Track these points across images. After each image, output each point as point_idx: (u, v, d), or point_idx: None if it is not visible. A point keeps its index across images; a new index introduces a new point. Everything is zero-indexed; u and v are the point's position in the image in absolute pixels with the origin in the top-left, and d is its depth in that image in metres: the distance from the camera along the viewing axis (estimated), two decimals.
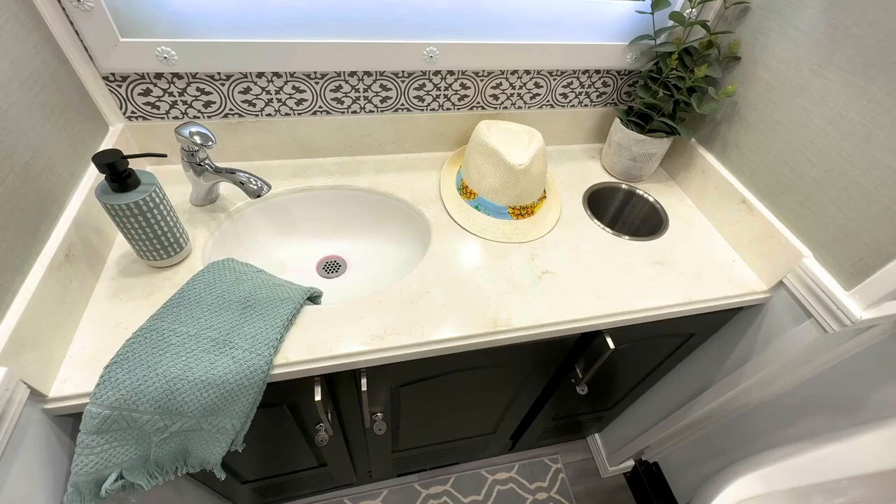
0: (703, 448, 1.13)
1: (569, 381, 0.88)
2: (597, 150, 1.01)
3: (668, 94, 0.83)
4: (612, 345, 0.72)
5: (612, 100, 0.95)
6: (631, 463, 1.37)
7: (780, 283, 0.74)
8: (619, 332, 0.73)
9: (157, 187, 0.58)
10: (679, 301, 0.72)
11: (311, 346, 0.60)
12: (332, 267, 0.87)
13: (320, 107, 0.81)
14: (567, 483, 1.37)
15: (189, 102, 0.75)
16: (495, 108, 0.90)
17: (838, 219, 0.66)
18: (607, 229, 0.83)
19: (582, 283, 0.73)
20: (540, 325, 0.66)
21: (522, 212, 0.80)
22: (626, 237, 0.82)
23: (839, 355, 0.80)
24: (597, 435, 1.41)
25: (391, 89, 0.82)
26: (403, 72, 0.79)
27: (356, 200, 0.86)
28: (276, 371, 0.58)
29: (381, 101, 0.83)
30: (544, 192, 0.85)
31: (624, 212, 0.93)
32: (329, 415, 0.74)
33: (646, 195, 0.91)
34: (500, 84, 0.86)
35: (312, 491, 1.21)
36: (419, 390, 0.77)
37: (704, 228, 0.86)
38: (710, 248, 0.82)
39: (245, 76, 0.74)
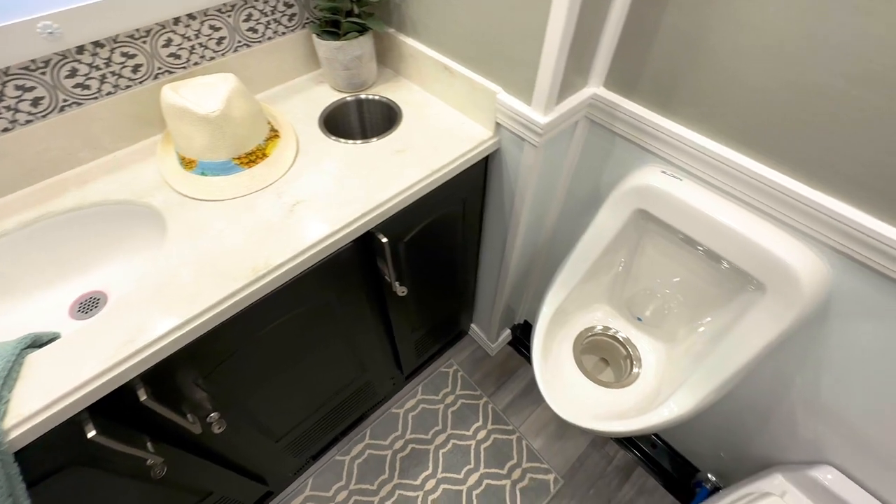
0: (544, 292, 1.30)
1: (390, 291, 0.93)
2: (321, 74, 1.00)
3: None
4: (384, 239, 0.76)
5: (306, 19, 0.93)
6: (508, 332, 1.54)
7: (498, 124, 0.84)
8: (386, 225, 0.77)
9: None
10: (423, 175, 0.78)
11: (50, 389, 0.53)
12: (89, 305, 0.77)
13: None
14: (466, 377, 1.49)
15: None
16: (184, 67, 0.82)
17: (503, 50, 0.75)
18: (348, 141, 0.84)
19: (334, 198, 0.74)
20: (301, 253, 0.67)
21: (252, 158, 0.77)
22: (375, 140, 0.85)
23: (571, 164, 0.95)
24: (472, 325, 1.54)
25: (35, 87, 0.69)
26: (34, 62, 0.68)
27: (71, 225, 0.74)
28: (17, 433, 0.50)
29: (34, 105, 0.71)
30: (273, 131, 0.82)
31: (366, 121, 0.96)
32: (150, 443, 0.68)
33: (375, 97, 0.94)
34: (171, 40, 0.78)
35: None
36: (233, 370, 0.74)
37: (433, 105, 0.92)
38: (441, 120, 0.89)
39: None
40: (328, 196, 0.74)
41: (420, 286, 1.04)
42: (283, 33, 0.92)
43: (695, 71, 0.67)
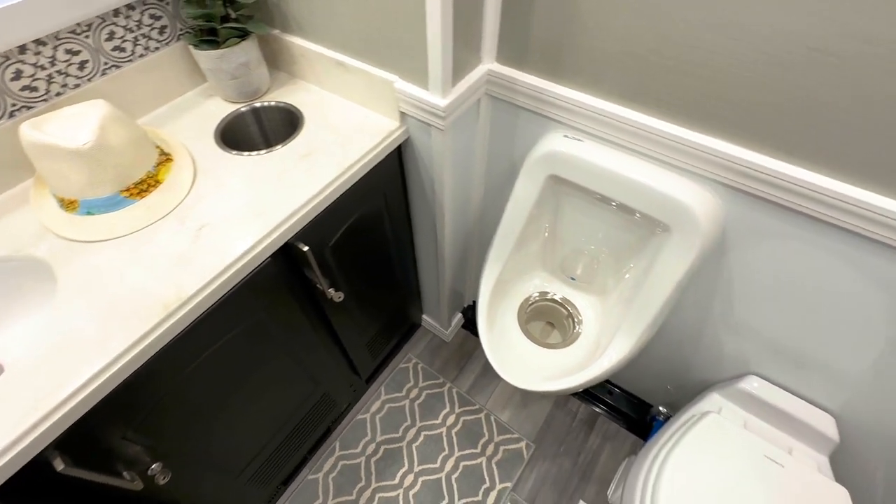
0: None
1: (326, 299, 0.90)
2: (209, 87, 0.94)
3: None
4: (305, 247, 0.74)
5: (179, 30, 0.87)
6: (459, 316, 1.56)
7: (402, 113, 0.83)
8: (305, 233, 0.75)
9: None
10: (334, 176, 0.76)
11: None
12: None
13: None
14: (427, 368, 1.50)
15: None
16: (45, 99, 0.74)
17: (389, 38, 0.74)
18: (251, 153, 0.80)
19: (243, 215, 0.71)
20: (214, 279, 0.63)
21: (143, 188, 0.71)
22: (279, 148, 0.81)
23: (483, 143, 0.96)
24: (423, 316, 1.54)
25: None
26: None
27: None
28: None
29: None
30: (163, 155, 0.76)
31: (266, 129, 0.91)
32: None
33: (271, 103, 0.90)
34: (21, 71, 0.70)
35: None
36: (167, 414, 0.69)
37: (334, 103, 0.90)
38: (345, 117, 0.87)
39: None
40: (236, 214, 0.71)
41: (358, 288, 1.02)
42: (157, 48, 0.85)
43: (573, 37, 0.69)
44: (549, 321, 1.19)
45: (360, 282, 1.02)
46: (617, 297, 0.96)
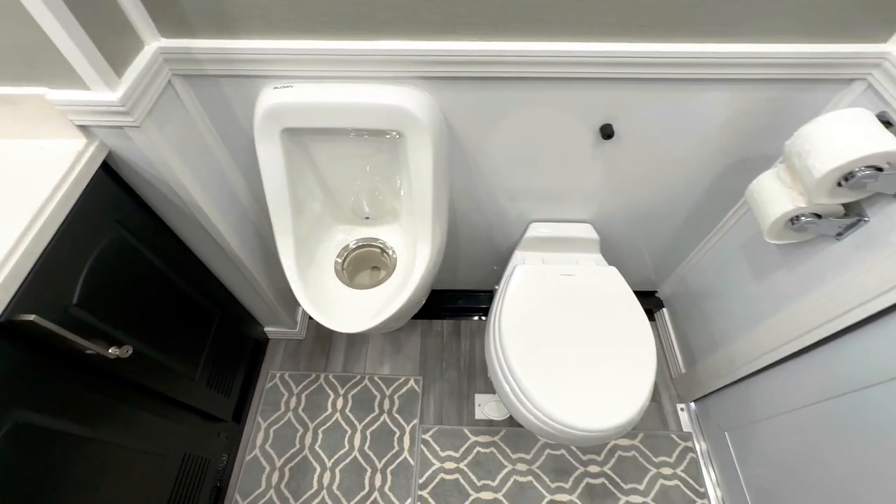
0: None
1: (111, 360, 0.77)
2: None
3: None
4: (29, 317, 0.61)
5: None
6: (301, 309, 1.51)
7: (82, 126, 0.71)
8: (24, 300, 0.61)
9: None
10: (24, 227, 0.63)
11: None
12: None
13: None
14: (294, 372, 1.44)
15: None
16: None
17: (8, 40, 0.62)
18: None
19: None
20: None
21: None
22: None
23: (207, 127, 0.89)
24: (265, 328, 1.45)
25: None
26: None
27: None
28: None
29: None
30: None
31: None
32: None
33: None
34: None
35: None
36: None
37: None
38: (8, 158, 0.71)
39: None
40: None
41: (152, 332, 0.90)
42: None
43: None
44: (373, 266, 1.23)
45: (149, 325, 0.89)
46: (405, 214, 1.04)
